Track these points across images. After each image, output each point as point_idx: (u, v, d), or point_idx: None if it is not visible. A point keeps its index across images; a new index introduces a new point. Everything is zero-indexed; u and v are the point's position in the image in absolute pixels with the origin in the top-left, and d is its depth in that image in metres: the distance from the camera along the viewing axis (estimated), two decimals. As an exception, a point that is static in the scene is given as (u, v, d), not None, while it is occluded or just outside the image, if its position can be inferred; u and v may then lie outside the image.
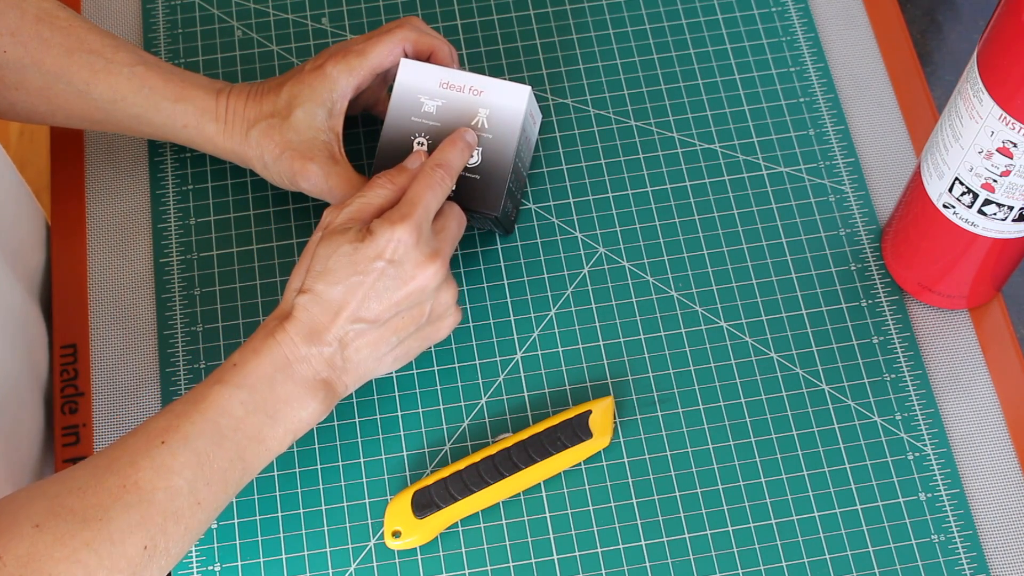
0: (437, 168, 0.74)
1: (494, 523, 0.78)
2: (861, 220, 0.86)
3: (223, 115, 0.81)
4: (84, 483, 0.65)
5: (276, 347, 0.70)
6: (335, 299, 0.70)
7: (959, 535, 0.77)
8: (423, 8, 0.95)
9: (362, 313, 0.71)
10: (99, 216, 0.89)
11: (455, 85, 0.80)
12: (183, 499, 0.66)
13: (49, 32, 0.80)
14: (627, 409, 0.81)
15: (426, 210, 0.72)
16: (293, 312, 0.71)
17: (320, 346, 0.71)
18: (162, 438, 0.67)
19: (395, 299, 0.71)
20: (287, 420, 0.70)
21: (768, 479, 0.78)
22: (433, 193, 0.73)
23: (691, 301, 0.84)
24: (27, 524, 0.62)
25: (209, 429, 0.68)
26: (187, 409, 0.68)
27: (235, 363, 0.70)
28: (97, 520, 0.63)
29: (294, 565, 0.77)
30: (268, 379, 0.70)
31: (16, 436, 0.81)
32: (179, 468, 0.66)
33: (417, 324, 0.73)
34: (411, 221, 0.71)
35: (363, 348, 0.72)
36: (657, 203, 0.87)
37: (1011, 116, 0.66)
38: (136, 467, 0.66)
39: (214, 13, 0.95)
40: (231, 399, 0.69)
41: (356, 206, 0.73)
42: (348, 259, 0.71)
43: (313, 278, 0.71)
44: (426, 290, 0.72)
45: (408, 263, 0.71)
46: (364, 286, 0.70)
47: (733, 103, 0.90)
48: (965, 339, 0.83)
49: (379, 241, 0.70)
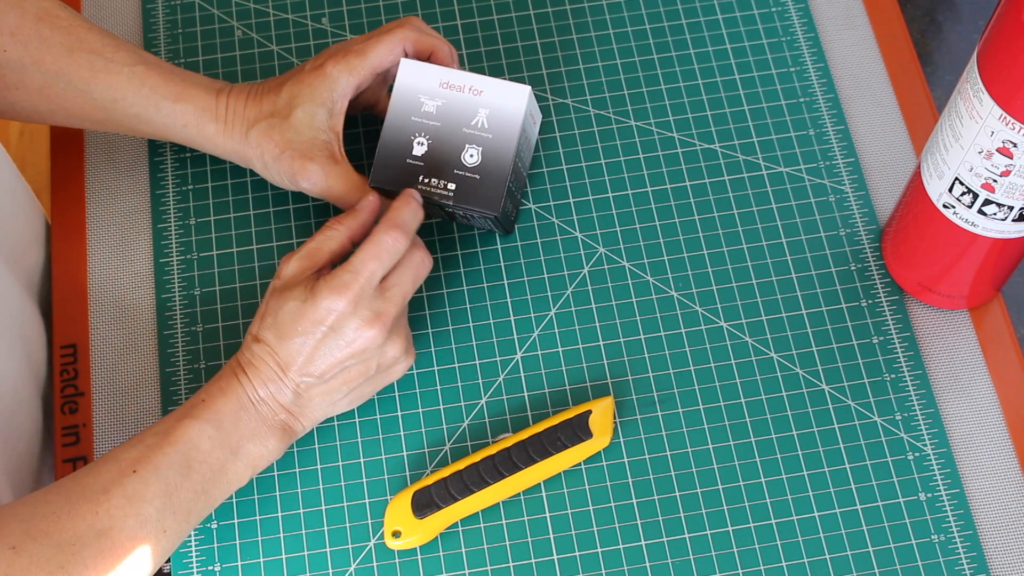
0: (390, 231, 0.74)
1: (494, 523, 0.78)
2: (861, 220, 0.86)
3: (223, 115, 0.81)
4: (58, 508, 0.67)
5: (240, 388, 0.74)
6: (283, 353, 0.73)
7: (959, 535, 0.77)
8: (423, 8, 0.95)
9: (309, 369, 0.73)
10: (99, 216, 0.89)
11: (455, 85, 0.80)
12: (151, 527, 0.69)
13: (49, 32, 0.80)
14: (627, 409, 0.81)
15: (368, 279, 0.73)
16: (252, 360, 0.74)
17: (277, 392, 0.74)
18: (134, 467, 0.70)
19: (338, 358, 0.74)
20: (248, 456, 0.74)
21: (768, 479, 0.78)
22: (379, 261, 0.73)
23: (691, 301, 0.84)
24: (4, 546, 0.65)
25: (179, 461, 0.71)
26: (158, 441, 0.71)
27: (203, 399, 0.73)
28: (71, 545, 0.66)
29: (294, 565, 0.77)
30: (233, 417, 0.73)
31: (15, 436, 0.81)
32: (150, 497, 0.69)
33: (366, 376, 0.76)
34: (349, 292, 0.72)
35: (316, 396, 0.75)
36: (657, 203, 0.87)
37: (1011, 116, 0.66)
38: (108, 495, 0.68)
39: (214, 13, 0.95)
40: (200, 434, 0.72)
41: (306, 252, 0.75)
42: (292, 317, 0.73)
43: (266, 328, 0.74)
44: (368, 350, 0.74)
45: (348, 329, 0.73)
46: (308, 346, 0.73)
47: (733, 103, 0.90)
48: (965, 339, 0.83)
49: (320, 308, 0.72)
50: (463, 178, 0.80)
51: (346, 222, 0.76)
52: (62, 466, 0.81)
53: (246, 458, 0.73)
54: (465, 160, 0.80)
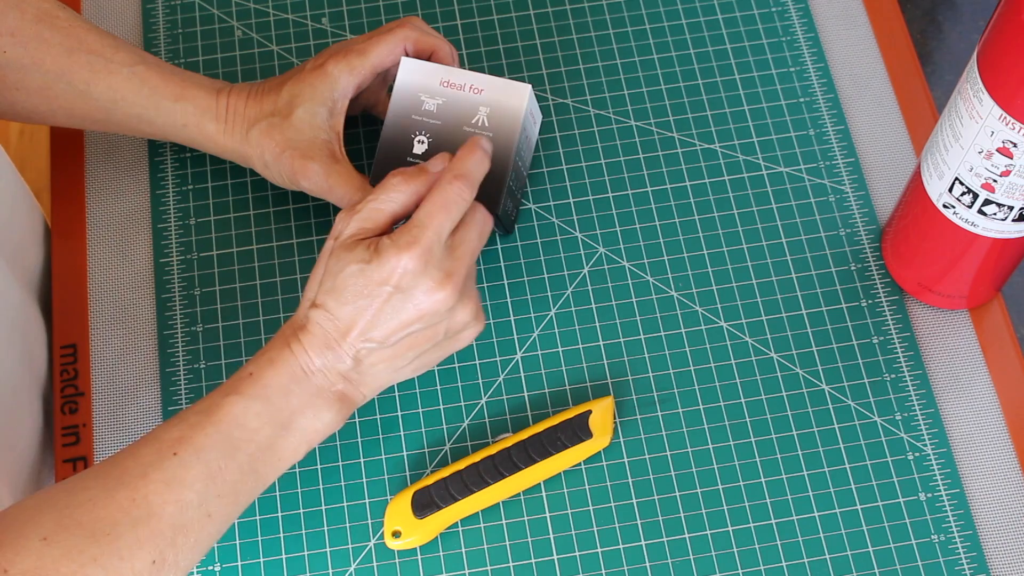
0: (455, 181, 0.70)
1: (494, 523, 0.78)
2: (861, 220, 0.86)
3: (223, 114, 0.81)
4: (95, 495, 0.64)
5: (292, 358, 0.69)
6: (344, 318, 0.69)
7: (959, 535, 0.77)
8: (423, 8, 0.95)
9: (372, 334, 0.69)
10: (99, 216, 0.89)
11: (456, 83, 0.80)
12: (193, 512, 0.65)
13: (49, 32, 0.80)
14: (627, 409, 0.81)
15: (437, 233, 0.69)
16: (307, 326, 0.70)
17: (335, 360, 0.70)
18: (174, 449, 0.66)
19: (405, 321, 0.69)
20: (302, 430, 0.70)
21: (768, 479, 0.78)
22: (447, 213, 0.69)
23: (691, 301, 0.84)
24: (35, 537, 0.61)
25: (222, 441, 0.67)
26: (200, 420, 0.67)
27: (251, 372, 0.69)
28: (106, 535, 0.62)
29: (294, 565, 0.77)
30: (284, 390, 0.69)
31: (15, 436, 0.81)
32: (191, 481, 0.65)
33: (433, 341, 0.72)
34: (418, 247, 0.68)
35: (378, 363, 0.71)
36: (657, 203, 0.87)
37: (1011, 116, 0.66)
38: (147, 479, 0.65)
39: (214, 13, 0.95)
40: (246, 411, 0.68)
41: (366, 212, 0.71)
42: (355, 280, 0.69)
43: (325, 293, 0.69)
44: (438, 313, 0.70)
45: (417, 290, 0.69)
46: (371, 309, 0.69)
47: (733, 103, 0.90)
48: (965, 339, 0.83)
49: (385, 267, 0.68)
50: (463, 178, 0.80)
51: (413, 183, 0.71)
52: (62, 466, 0.81)
53: (299, 433, 0.69)
54: (465, 160, 0.80)
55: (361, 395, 0.72)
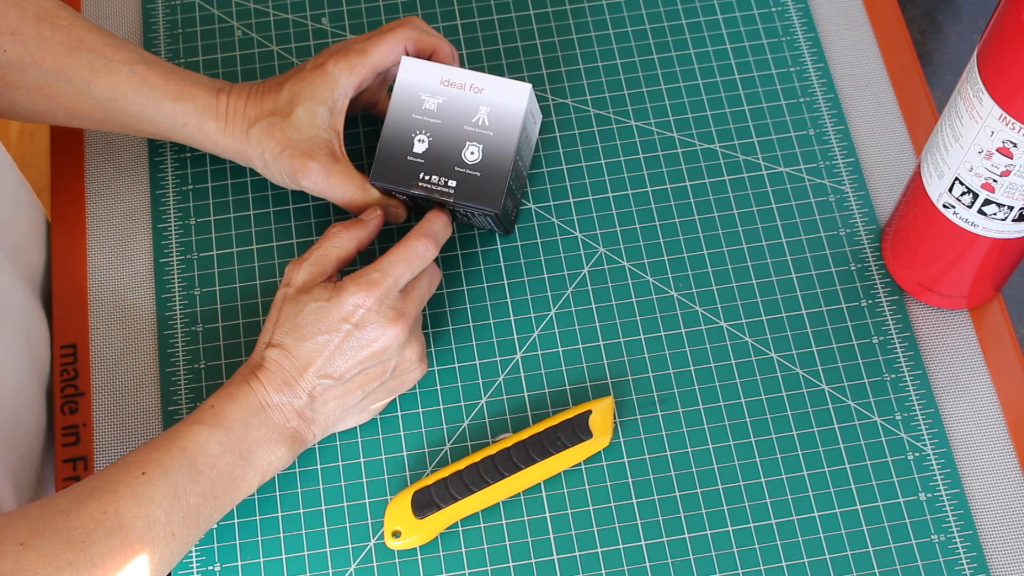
0: (423, 238, 0.76)
1: (494, 523, 0.78)
2: (861, 220, 0.86)
3: (224, 113, 0.81)
4: (67, 507, 0.67)
5: (252, 393, 0.73)
6: (303, 355, 0.73)
7: (959, 535, 0.77)
8: (423, 8, 0.95)
9: (328, 370, 0.74)
10: (99, 216, 0.89)
11: (456, 83, 0.80)
12: (159, 529, 0.69)
13: (49, 31, 0.80)
14: (627, 409, 0.81)
15: (396, 281, 0.75)
16: (265, 364, 0.74)
17: (291, 397, 0.74)
18: (143, 469, 0.70)
19: (359, 358, 0.74)
20: (258, 462, 0.73)
21: (768, 479, 0.78)
22: (408, 265, 0.75)
23: (691, 301, 0.84)
24: (11, 542, 0.64)
25: (187, 464, 0.71)
26: (167, 444, 0.71)
27: (212, 405, 0.73)
28: (80, 542, 0.66)
29: (294, 565, 0.77)
30: (244, 423, 0.73)
31: (19, 434, 0.81)
32: (158, 499, 0.69)
33: (381, 379, 0.76)
34: (378, 289, 0.74)
35: (330, 401, 0.75)
36: (657, 203, 0.87)
37: (1011, 116, 0.66)
38: (117, 494, 0.68)
39: (214, 13, 0.95)
40: (209, 438, 0.72)
41: (314, 259, 0.76)
42: (315, 317, 0.74)
43: (282, 333, 0.74)
44: (389, 350, 0.75)
45: (371, 326, 0.74)
46: (330, 345, 0.73)
47: (733, 103, 0.90)
48: (965, 339, 0.83)
49: (344, 305, 0.73)
50: (464, 175, 0.80)
51: (353, 230, 0.78)
52: (62, 466, 0.81)
53: (256, 465, 0.73)
54: (466, 157, 0.80)
55: (312, 434, 0.76)
